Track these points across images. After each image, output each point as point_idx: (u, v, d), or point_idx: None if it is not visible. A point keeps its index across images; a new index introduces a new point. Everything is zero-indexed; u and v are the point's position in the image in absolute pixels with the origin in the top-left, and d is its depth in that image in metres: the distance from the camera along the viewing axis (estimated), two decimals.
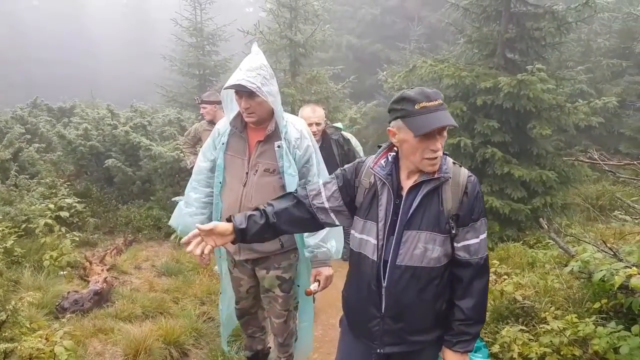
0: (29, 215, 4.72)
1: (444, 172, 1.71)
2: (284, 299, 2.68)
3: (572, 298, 3.10)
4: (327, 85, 9.14)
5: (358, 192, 1.84)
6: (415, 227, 1.70)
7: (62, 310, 3.57)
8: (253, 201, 2.43)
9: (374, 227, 1.75)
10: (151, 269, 4.86)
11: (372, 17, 17.59)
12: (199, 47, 12.08)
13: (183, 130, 7.62)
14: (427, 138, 1.63)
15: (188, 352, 3.43)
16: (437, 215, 1.70)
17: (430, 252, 1.70)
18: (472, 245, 1.73)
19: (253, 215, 1.81)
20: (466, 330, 1.73)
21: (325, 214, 1.87)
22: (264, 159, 2.48)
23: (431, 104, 1.63)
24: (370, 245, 1.76)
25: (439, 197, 1.72)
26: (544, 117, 6.17)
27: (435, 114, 1.62)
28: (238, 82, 2.29)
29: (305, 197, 1.88)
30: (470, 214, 1.72)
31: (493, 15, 6.86)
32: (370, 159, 1.86)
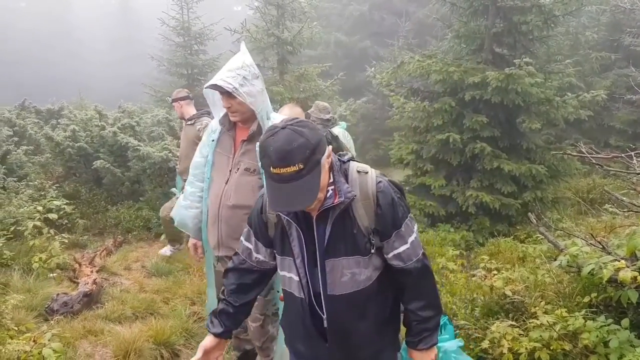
0: (17, 218, 4.67)
1: (346, 192, 1.53)
2: (259, 302, 2.63)
3: (562, 292, 3.10)
4: (315, 83, 9.14)
5: (269, 227, 1.67)
6: (335, 255, 1.57)
7: (51, 313, 3.53)
8: (231, 199, 2.49)
9: (292, 263, 1.62)
10: (141, 269, 4.83)
11: (360, 13, 17.62)
12: (186, 47, 12.01)
13: (172, 130, 7.57)
14: None
15: (179, 352, 3.40)
16: (354, 238, 1.56)
17: (358, 275, 1.59)
18: (403, 252, 1.62)
19: (222, 310, 1.74)
20: (425, 327, 1.67)
21: (267, 265, 1.76)
22: (246, 158, 2.49)
23: (285, 171, 1.36)
24: (294, 282, 1.64)
25: (351, 218, 1.56)
26: (533, 111, 6.20)
27: (285, 187, 1.39)
28: (215, 83, 2.32)
29: (242, 261, 1.76)
30: (392, 225, 1.58)
31: (480, 9, 6.88)
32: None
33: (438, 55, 7.31)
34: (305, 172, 1.38)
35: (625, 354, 2.16)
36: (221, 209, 2.52)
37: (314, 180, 1.41)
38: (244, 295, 1.76)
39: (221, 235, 2.57)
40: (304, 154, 1.37)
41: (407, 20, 15.32)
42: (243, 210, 2.45)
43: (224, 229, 2.54)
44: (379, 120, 12.95)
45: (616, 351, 2.20)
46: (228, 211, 2.51)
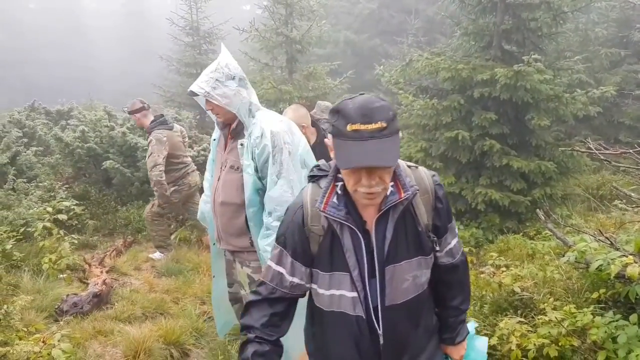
0: (27, 219, 4.72)
1: (409, 187, 1.39)
2: None
3: (571, 289, 3.08)
4: (324, 81, 9.13)
5: (311, 242, 1.47)
6: (397, 260, 1.42)
7: (61, 313, 3.58)
8: (220, 196, 2.59)
9: (346, 278, 1.43)
10: (151, 269, 4.87)
11: (369, 11, 17.55)
12: (195, 46, 12.08)
13: None
14: (357, 170, 1.30)
15: (189, 352, 3.43)
16: (418, 236, 1.45)
17: (419, 278, 1.48)
18: (454, 247, 1.57)
19: (256, 352, 1.47)
20: (461, 319, 1.65)
21: (301, 289, 1.54)
22: (231, 156, 2.58)
23: (366, 128, 1.23)
24: (347, 299, 1.45)
25: (412, 216, 1.44)
26: (542, 108, 6.14)
27: (366, 144, 1.23)
28: (190, 89, 2.43)
29: (272, 291, 1.52)
30: (448, 219, 1.52)
31: (489, 6, 6.82)
32: (309, 198, 1.48)
33: (447, 53, 7.27)
34: (387, 133, 1.25)
35: (633, 349, 2.15)
36: (215, 205, 2.66)
37: (394, 145, 1.27)
38: (277, 328, 1.52)
39: (219, 230, 2.69)
40: (387, 113, 1.26)
41: (417, 18, 15.24)
42: (230, 208, 2.58)
43: (220, 224, 2.67)
44: None
45: (624, 347, 2.18)
46: (219, 207, 2.63)
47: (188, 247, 5.48)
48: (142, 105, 5.02)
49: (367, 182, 1.30)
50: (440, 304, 1.65)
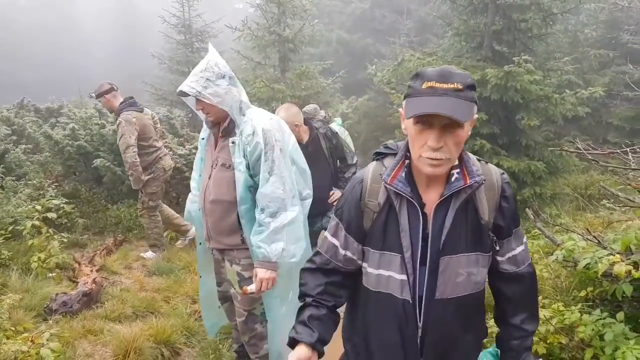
0: (16, 217, 4.67)
1: (476, 175, 1.35)
2: (243, 297, 2.63)
3: (559, 287, 3.12)
4: (317, 81, 9.14)
5: (365, 217, 1.45)
6: (453, 251, 1.37)
7: (50, 312, 3.54)
8: (212, 194, 2.57)
9: (397, 259, 1.39)
10: (142, 268, 4.84)
11: (361, 11, 17.61)
12: (187, 44, 12.01)
13: (173, 128, 7.58)
14: (425, 128, 1.27)
15: (180, 350, 3.41)
16: (478, 230, 1.38)
17: (475, 276, 1.40)
18: (519, 255, 1.45)
19: (312, 316, 1.46)
20: (527, 345, 1.47)
21: (354, 264, 1.52)
22: (222, 154, 2.56)
23: (441, 86, 1.25)
24: (395, 281, 1.41)
25: (475, 207, 1.38)
26: (532, 108, 6.21)
27: (439, 98, 1.24)
28: (180, 89, 2.42)
29: (326, 262, 1.54)
30: (513, 222, 1.43)
31: (480, 7, 6.89)
32: (371, 173, 1.47)
33: (438, 53, 7.33)
34: (462, 95, 1.24)
35: (619, 346, 2.18)
36: (205, 204, 2.63)
37: (468, 108, 1.25)
38: (334, 296, 1.51)
39: (208, 229, 2.66)
40: (465, 79, 1.27)
41: (409, 18, 15.30)
42: (221, 206, 2.56)
43: (210, 223, 2.64)
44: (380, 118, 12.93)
45: (611, 344, 2.21)
46: (210, 206, 2.60)
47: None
48: (111, 87, 4.88)
49: (433, 143, 1.26)
50: (500, 320, 1.53)
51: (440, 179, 1.38)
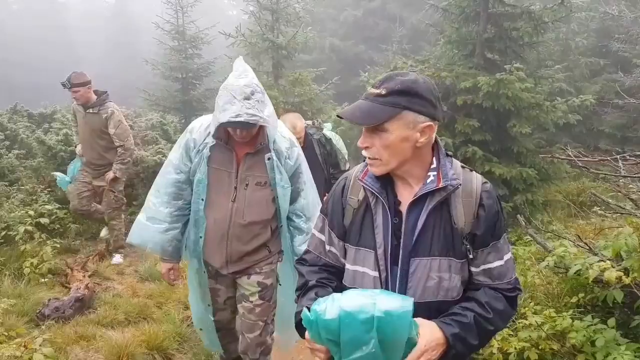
0: (8, 223, 4.63)
1: (451, 178, 1.36)
2: (262, 307, 2.54)
3: (551, 293, 3.15)
4: (310, 87, 9.19)
5: (345, 214, 1.49)
6: (424, 253, 1.36)
7: (42, 318, 3.52)
8: (245, 217, 2.35)
9: (371, 255, 1.41)
10: (134, 274, 4.81)
11: (354, 18, 17.74)
12: (181, 51, 12.04)
13: (166, 134, 7.57)
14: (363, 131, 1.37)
15: (172, 356, 3.40)
16: (450, 235, 1.37)
17: (447, 281, 1.37)
18: (495, 269, 1.40)
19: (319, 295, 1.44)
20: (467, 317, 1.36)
21: (339, 262, 1.54)
22: (254, 172, 2.35)
23: (370, 91, 1.35)
24: (368, 278, 1.42)
25: (449, 212, 1.38)
26: (523, 116, 6.28)
27: (359, 102, 1.35)
28: (239, 120, 2.10)
29: (316, 258, 1.57)
30: (491, 232, 1.39)
31: (472, 15, 6.97)
32: (356, 171, 1.52)
33: (431, 61, 7.39)
34: (381, 100, 1.31)
35: (611, 352, 2.21)
36: (232, 228, 2.37)
37: (383, 112, 1.30)
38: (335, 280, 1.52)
39: (230, 254, 2.43)
40: (394, 84, 1.31)
41: (401, 26, 15.43)
42: (258, 225, 2.40)
43: (235, 247, 2.41)
44: None
45: (602, 350, 2.24)
46: (241, 229, 2.37)
47: None
48: (90, 79, 4.67)
49: (360, 142, 1.38)
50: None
51: (414, 180, 1.40)
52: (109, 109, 4.71)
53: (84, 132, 4.81)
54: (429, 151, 1.41)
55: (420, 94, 1.32)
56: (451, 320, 1.33)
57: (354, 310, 1.18)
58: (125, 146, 4.78)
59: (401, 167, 1.39)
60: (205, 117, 2.44)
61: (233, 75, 2.24)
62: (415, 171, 1.40)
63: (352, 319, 1.17)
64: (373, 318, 1.16)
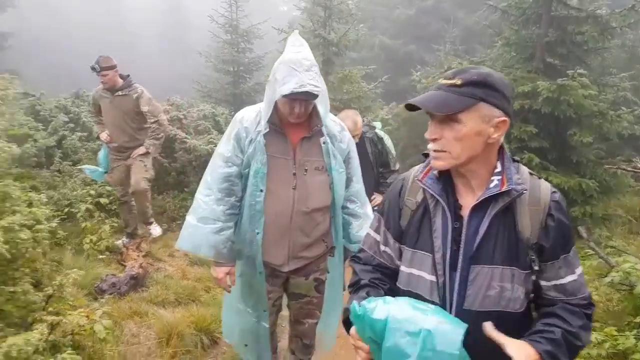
0: (71, 200, 4.88)
1: (515, 182, 1.29)
2: (319, 299, 2.54)
3: (611, 311, 3.02)
4: (359, 85, 9.15)
5: (402, 215, 1.45)
6: (485, 261, 1.29)
7: (100, 292, 3.69)
8: (309, 203, 2.25)
9: (428, 259, 1.36)
10: (183, 257, 4.96)
11: (406, 17, 17.49)
12: (233, 44, 12.27)
13: (217, 124, 7.74)
14: (430, 122, 1.32)
15: (218, 340, 3.48)
16: (515, 243, 1.29)
17: (510, 292, 1.28)
18: (569, 284, 1.32)
19: (370, 294, 1.42)
20: (553, 333, 1.27)
21: (394, 263, 1.49)
22: (311, 156, 2.26)
23: (441, 82, 1.31)
24: (424, 282, 1.37)
25: (513, 219, 1.30)
26: (585, 124, 6.02)
27: (431, 92, 1.31)
28: (303, 90, 2.03)
29: (371, 258, 1.54)
30: (560, 245, 1.31)
31: (533, 18, 6.74)
32: (415, 171, 1.48)
33: (486, 62, 7.21)
34: (456, 90, 1.27)
35: None
36: (294, 217, 2.25)
37: (459, 102, 1.26)
38: (389, 281, 1.48)
39: (292, 248, 2.32)
40: (470, 75, 1.28)
41: (455, 26, 15.10)
42: (319, 213, 2.32)
43: (298, 239, 2.30)
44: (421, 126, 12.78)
45: None
46: (304, 218, 2.27)
47: None
48: (116, 63, 4.73)
49: (427, 134, 1.32)
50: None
51: (477, 183, 1.34)
52: (138, 88, 4.78)
53: (114, 116, 4.81)
54: (495, 154, 1.35)
55: (497, 87, 1.28)
56: (540, 338, 1.24)
57: (404, 318, 1.15)
58: (160, 121, 4.84)
59: (468, 164, 1.32)
60: (252, 107, 2.37)
61: (290, 50, 2.19)
62: (480, 172, 1.34)
63: (399, 325, 1.14)
64: (420, 332, 1.12)
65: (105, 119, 4.95)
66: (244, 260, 2.43)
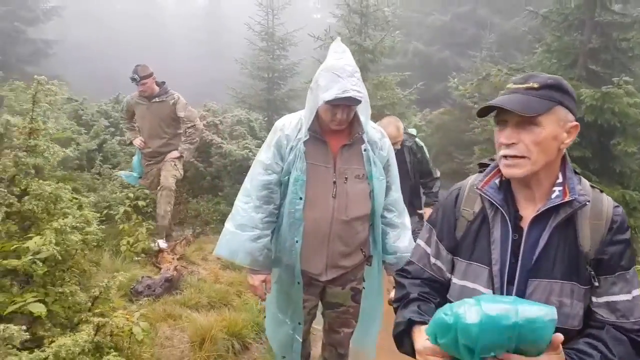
0: (110, 203, 5.02)
1: (578, 193, 1.25)
2: (355, 309, 2.52)
3: None
4: (393, 91, 9.08)
5: (458, 226, 1.42)
6: (544, 275, 1.26)
7: (136, 294, 3.78)
8: (349, 212, 2.23)
9: (485, 272, 1.32)
10: (216, 261, 5.02)
11: (441, 23, 17.31)
12: (269, 51, 12.40)
13: (252, 130, 7.83)
14: (501, 128, 1.28)
15: (249, 345, 3.50)
16: (575, 257, 1.25)
17: (568, 307, 1.24)
18: (621, 304, 1.24)
19: (422, 308, 1.38)
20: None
21: (443, 276, 1.46)
22: (352, 164, 2.25)
23: (514, 86, 1.29)
24: (478, 295, 1.30)
25: (575, 232, 1.27)
26: (629, 133, 5.78)
27: (508, 96, 1.27)
28: (346, 95, 2.03)
29: (420, 271, 1.49)
30: (619, 261, 1.25)
31: (575, 24, 6.55)
32: (471, 180, 1.45)
33: (526, 69, 7.03)
34: (535, 93, 1.25)
35: None
36: (334, 226, 2.23)
37: (540, 104, 1.23)
38: (438, 297, 1.42)
39: (331, 257, 2.30)
40: (545, 79, 1.27)
41: (492, 32, 14.83)
42: (359, 221, 2.30)
43: (337, 248, 2.28)
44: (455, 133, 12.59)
45: None
46: (343, 226, 2.24)
47: None
48: (152, 71, 4.88)
49: (504, 138, 1.27)
50: None
51: (540, 194, 1.31)
52: (174, 95, 4.95)
53: (151, 122, 4.97)
54: (559, 163, 1.32)
55: (570, 92, 1.29)
56: (576, 356, 1.20)
57: (497, 315, 1.11)
58: (196, 126, 5.01)
59: (540, 172, 1.28)
60: (293, 115, 2.39)
61: (332, 56, 2.19)
62: (545, 182, 1.31)
63: (494, 324, 1.10)
64: (516, 325, 1.09)
65: (140, 125, 5.12)
66: (282, 268, 2.44)
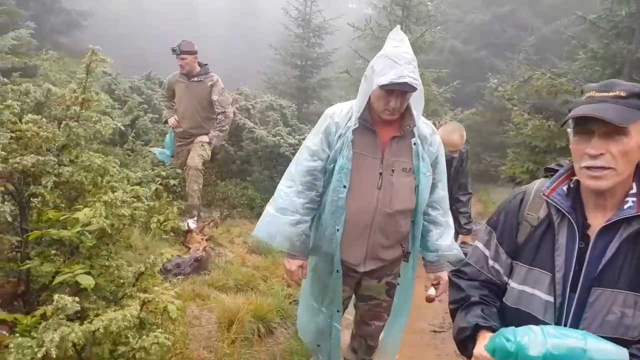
0: (142, 180, 5.05)
1: None
2: (389, 303, 2.53)
3: None
4: (429, 88, 8.96)
5: (520, 230, 1.41)
6: (609, 284, 1.23)
7: (165, 272, 3.79)
8: (393, 205, 2.20)
9: (546, 278, 1.31)
10: (243, 245, 5.05)
11: (481, 22, 16.94)
12: (304, 38, 12.35)
13: (284, 117, 7.82)
14: (584, 138, 1.23)
15: (274, 329, 3.51)
16: None
17: (630, 318, 1.21)
18: None
19: (484, 311, 1.38)
20: None
21: (500, 279, 1.45)
22: (400, 157, 2.21)
23: (600, 95, 1.23)
24: (538, 302, 1.32)
25: None
26: None
27: (595, 104, 1.21)
28: (402, 81, 1.99)
29: (477, 273, 1.48)
30: None
31: (624, 32, 6.34)
32: (537, 185, 1.43)
33: (568, 75, 6.84)
34: (624, 102, 1.21)
35: None
36: (376, 217, 2.22)
37: (631, 114, 1.19)
38: (498, 301, 1.42)
39: (371, 248, 2.28)
40: (631, 87, 1.23)
41: (531, 35, 14.46)
42: (402, 215, 2.27)
43: (378, 240, 2.27)
44: (485, 135, 12.38)
45: None
46: (386, 219, 2.22)
47: None
48: (197, 50, 4.81)
49: (591, 149, 1.22)
50: None
51: (612, 203, 1.27)
52: (214, 77, 4.92)
53: (187, 101, 4.97)
54: (633, 172, 1.28)
55: None
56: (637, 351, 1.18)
57: (563, 353, 1.09)
58: (227, 113, 4.97)
59: (622, 182, 1.25)
60: (344, 103, 2.37)
61: (390, 43, 2.18)
62: (619, 191, 1.27)
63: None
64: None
65: (177, 104, 5.12)
66: (320, 256, 2.42)
